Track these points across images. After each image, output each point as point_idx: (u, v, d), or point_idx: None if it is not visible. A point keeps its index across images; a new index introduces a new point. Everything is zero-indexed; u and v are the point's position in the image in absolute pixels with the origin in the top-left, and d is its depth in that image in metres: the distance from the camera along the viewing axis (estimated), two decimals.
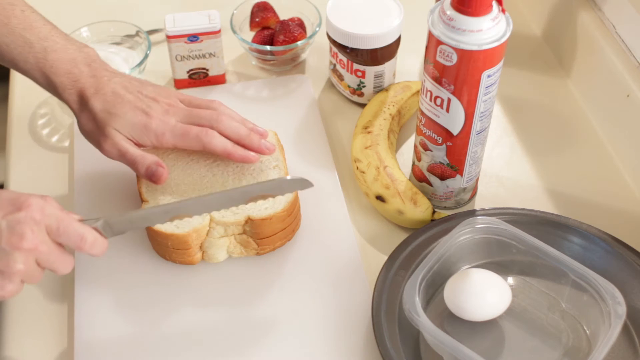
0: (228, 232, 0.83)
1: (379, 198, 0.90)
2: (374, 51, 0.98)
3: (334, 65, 1.03)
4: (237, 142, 0.86)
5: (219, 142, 0.85)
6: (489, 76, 0.78)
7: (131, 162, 0.83)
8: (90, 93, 0.84)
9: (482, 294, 0.78)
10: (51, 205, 0.71)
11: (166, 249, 0.83)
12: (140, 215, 0.77)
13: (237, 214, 0.83)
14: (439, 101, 0.81)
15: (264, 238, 0.84)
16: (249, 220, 0.82)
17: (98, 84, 0.84)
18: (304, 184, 0.80)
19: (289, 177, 0.80)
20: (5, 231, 0.68)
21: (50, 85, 0.85)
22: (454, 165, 0.87)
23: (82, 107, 0.84)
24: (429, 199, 0.90)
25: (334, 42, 0.99)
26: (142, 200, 0.85)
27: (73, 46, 0.86)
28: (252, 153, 0.86)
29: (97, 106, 0.83)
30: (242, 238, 0.84)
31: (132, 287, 0.84)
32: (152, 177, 0.83)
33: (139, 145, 0.85)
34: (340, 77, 1.03)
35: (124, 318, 0.82)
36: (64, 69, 0.84)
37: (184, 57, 1.02)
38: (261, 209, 0.83)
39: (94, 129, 0.84)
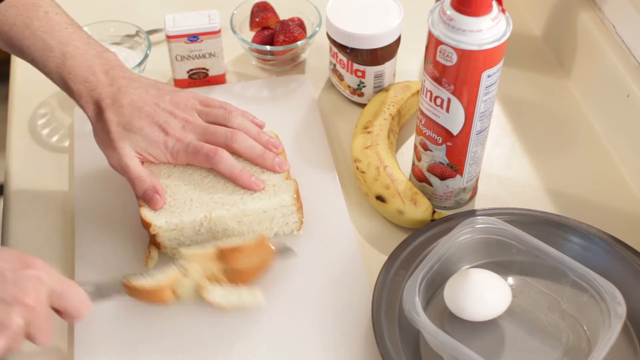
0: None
1: (379, 198, 0.90)
2: (374, 51, 0.98)
3: (334, 65, 1.03)
4: (252, 161, 0.87)
5: (226, 166, 0.84)
6: (489, 76, 0.78)
7: (130, 182, 0.84)
8: (107, 104, 0.84)
9: (482, 294, 0.78)
10: (53, 269, 0.72)
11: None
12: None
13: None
14: (439, 101, 0.81)
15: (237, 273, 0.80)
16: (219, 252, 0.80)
17: (115, 94, 0.84)
18: (288, 254, 0.83)
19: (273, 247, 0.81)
20: (11, 284, 0.68)
21: (68, 90, 0.85)
22: (454, 165, 0.87)
23: (98, 117, 0.84)
24: (429, 199, 0.90)
25: (334, 42, 0.99)
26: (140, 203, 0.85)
27: (93, 51, 0.86)
28: (256, 181, 0.85)
29: (113, 119, 0.83)
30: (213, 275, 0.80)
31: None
32: (148, 202, 0.83)
33: (150, 160, 0.85)
34: (340, 77, 1.03)
35: (124, 318, 0.82)
36: (81, 77, 0.84)
37: (184, 57, 1.02)
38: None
39: (106, 140, 0.84)
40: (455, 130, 0.83)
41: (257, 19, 1.07)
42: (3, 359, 0.78)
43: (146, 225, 0.83)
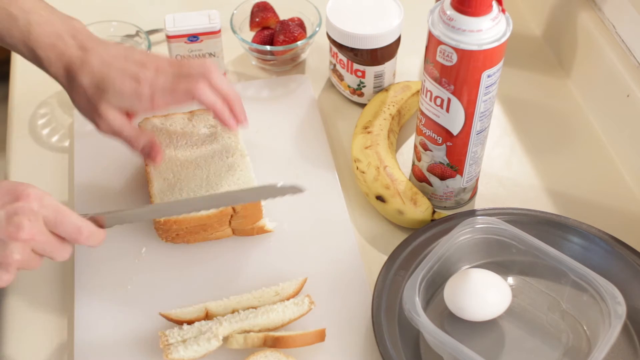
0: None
1: (379, 198, 0.90)
2: (374, 51, 0.98)
3: (334, 65, 1.02)
4: (225, 101, 0.83)
5: (208, 98, 0.81)
6: (489, 76, 0.78)
7: (127, 142, 0.83)
8: (77, 66, 0.81)
9: (482, 294, 0.78)
10: (49, 196, 0.72)
11: None
12: (132, 213, 0.79)
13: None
14: (439, 101, 0.81)
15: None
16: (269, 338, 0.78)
17: (83, 56, 0.81)
18: (295, 189, 0.79)
19: (280, 184, 0.79)
20: (3, 221, 0.68)
21: (36, 59, 0.83)
22: (454, 165, 0.87)
23: (70, 83, 0.82)
24: (429, 199, 0.90)
25: (334, 42, 0.99)
26: (148, 181, 0.88)
27: (58, 19, 0.84)
28: (234, 120, 0.83)
29: (86, 81, 0.81)
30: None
31: (133, 286, 0.84)
32: (147, 157, 0.84)
33: (133, 113, 0.83)
34: (340, 77, 1.03)
35: (123, 318, 0.82)
36: (48, 43, 0.82)
37: (184, 57, 1.02)
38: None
39: (87, 106, 0.82)
40: (455, 130, 0.83)
41: (257, 19, 1.07)
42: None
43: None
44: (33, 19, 0.82)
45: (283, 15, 1.08)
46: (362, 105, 1.04)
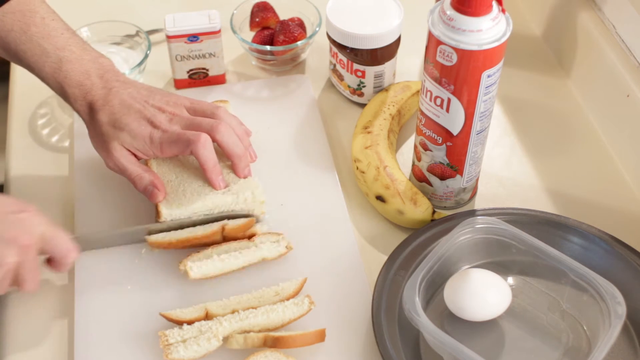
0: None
1: (379, 198, 0.90)
2: (374, 51, 0.98)
3: (334, 65, 1.03)
4: (229, 157, 0.87)
5: (204, 154, 0.84)
6: (489, 76, 0.78)
7: (131, 181, 0.85)
8: (99, 105, 0.85)
9: (482, 294, 0.78)
10: (45, 216, 0.76)
11: None
12: (115, 233, 0.86)
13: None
14: (439, 101, 0.81)
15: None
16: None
17: (107, 95, 0.85)
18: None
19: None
20: (9, 225, 0.72)
21: (64, 95, 0.87)
22: (454, 165, 0.87)
23: (90, 120, 0.86)
24: (429, 199, 0.90)
25: (334, 42, 0.99)
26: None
27: (88, 56, 0.87)
28: (222, 182, 0.86)
29: (104, 119, 0.85)
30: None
31: (133, 286, 0.84)
32: (149, 197, 0.85)
33: (140, 156, 0.86)
34: (340, 77, 1.03)
35: (123, 318, 0.82)
36: (76, 81, 0.85)
37: (184, 57, 1.02)
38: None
39: (100, 142, 0.86)
40: (455, 130, 0.83)
41: (257, 19, 1.07)
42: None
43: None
44: (64, 55, 0.86)
45: (283, 15, 1.08)
46: (362, 105, 1.04)
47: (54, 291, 0.85)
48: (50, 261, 0.78)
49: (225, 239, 0.86)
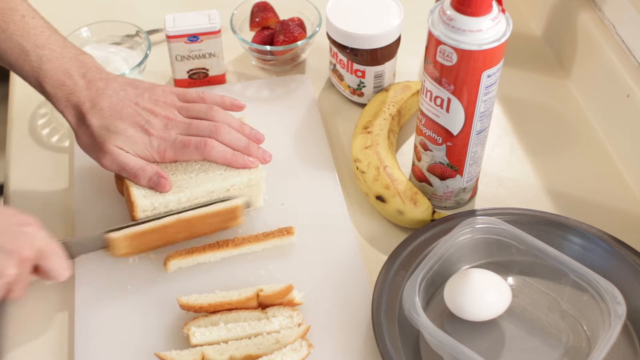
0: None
1: (379, 198, 0.90)
2: (374, 51, 0.98)
3: (334, 65, 1.03)
4: (238, 148, 0.87)
5: (219, 153, 0.86)
6: (489, 76, 0.78)
7: (132, 176, 0.84)
8: (87, 108, 0.84)
9: (482, 294, 0.78)
10: (45, 231, 0.76)
11: None
12: (96, 237, 0.84)
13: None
14: (439, 101, 0.81)
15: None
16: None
17: (94, 97, 0.84)
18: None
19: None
20: (11, 237, 0.72)
21: (45, 94, 0.86)
22: (454, 165, 0.87)
23: (79, 122, 0.85)
24: (429, 199, 0.90)
25: (334, 42, 0.99)
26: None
27: (69, 54, 0.86)
28: (251, 159, 0.87)
29: (95, 122, 0.84)
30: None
31: (132, 287, 0.84)
32: (155, 188, 0.84)
33: (139, 157, 0.85)
34: (340, 77, 1.03)
35: (123, 319, 0.82)
36: (57, 80, 0.84)
37: (184, 57, 1.02)
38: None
39: (92, 145, 0.85)
40: (455, 130, 0.83)
41: (257, 19, 1.07)
42: None
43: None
44: (44, 54, 0.84)
45: (283, 15, 1.08)
46: (362, 105, 1.04)
47: (54, 290, 0.85)
48: (39, 271, 0.77)
49: (262, 305, 0.81)
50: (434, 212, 0.89)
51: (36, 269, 0.76)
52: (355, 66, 0.99)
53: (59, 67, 0.84)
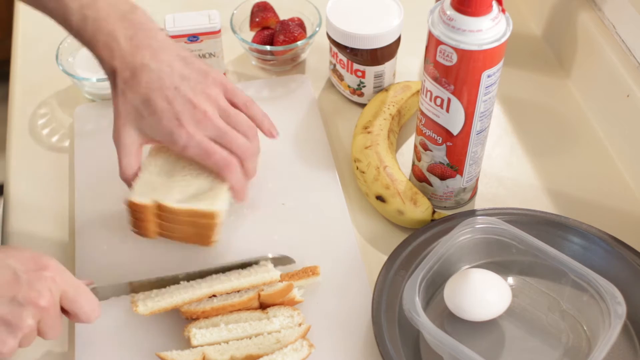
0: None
1: (379, 198, 0.90)
2: (374, 51, 0.98)
3: (334, 65, 1.03)
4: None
5: (234, 180, 0.81)
6: (489, 76, 0.78)
7: (119, 161, 0.81)
8: (124, 78, 0.78)
9: (482, 294, 0.78)
10: (68, 272, 0.73)
11: None
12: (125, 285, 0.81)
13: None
14: (439, 101, 0.81)
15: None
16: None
17: (135, 68, 0.78)
18: (286, 260, 0.84)
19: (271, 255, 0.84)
20: (25, 285, 0.68)
21: (94, 56, 0.80)
22: (454, 165, 0.87)
23: (116, 91, 0.79)
24: (429, 199, 0.91)
25: (334, 42, 0.99)
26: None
27: (117, 13, 0.79)
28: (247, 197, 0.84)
29: (129, 95, 0.78)
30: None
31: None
32: (129, 186, 0.82)
33: (154, 142, 0.82)
34: (340, 77, 1.03)
35: (123, 316, 0.82)
36: (103, 42, 0.78)
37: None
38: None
39: (121, 116, 0.79)
40: (455, 130, 0.83)
41: (257, 19, 1.07)
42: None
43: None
44: (89, 14, 0.78)
45: (283, 15, 1.08)
46: (362, 105, 1.04)
47: None
48: (69, 314, 0.74)
49: (263, 305, 0.81)
50: (434, 212, 0.89)
51: (67, 312, 0.73)
52: (355, 66, 0.99)
53: (104, 29, 0.78)
